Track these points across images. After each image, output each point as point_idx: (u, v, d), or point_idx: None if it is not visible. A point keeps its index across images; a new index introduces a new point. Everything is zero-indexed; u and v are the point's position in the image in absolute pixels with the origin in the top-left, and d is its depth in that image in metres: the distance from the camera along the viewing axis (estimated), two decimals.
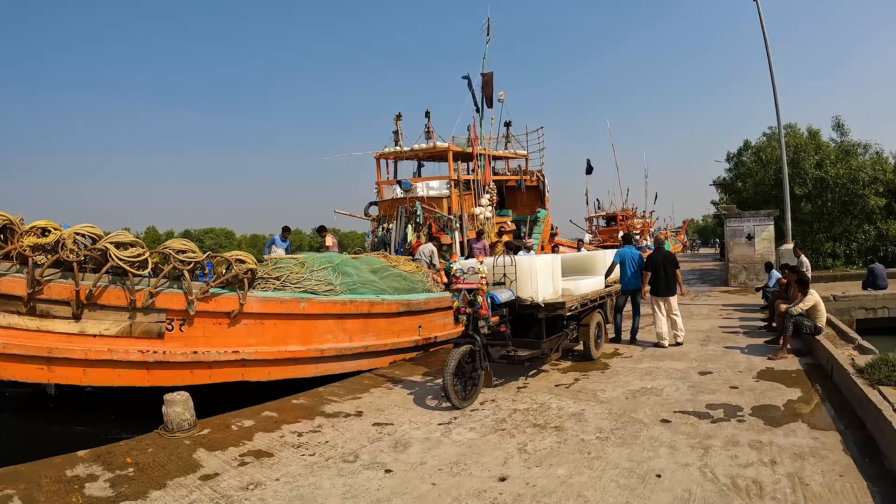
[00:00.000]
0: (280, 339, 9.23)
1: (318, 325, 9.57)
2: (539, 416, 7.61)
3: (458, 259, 8.76)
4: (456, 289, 8.21)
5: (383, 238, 16.29)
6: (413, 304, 11.07)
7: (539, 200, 21.41)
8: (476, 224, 16.89)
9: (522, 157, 21.24)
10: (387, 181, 17.67)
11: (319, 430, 7.27)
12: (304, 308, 9.25)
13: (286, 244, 14.78)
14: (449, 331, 12.48)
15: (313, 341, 9.56)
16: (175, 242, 8.39)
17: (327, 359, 9.79)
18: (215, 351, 8.73)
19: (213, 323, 8.71)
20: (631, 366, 10.46)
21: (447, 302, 12.13)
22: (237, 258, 8.59)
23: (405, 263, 12.30)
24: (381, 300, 10.39)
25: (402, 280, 11.54)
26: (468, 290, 8.13)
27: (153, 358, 8.36)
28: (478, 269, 8.29)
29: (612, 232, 36.09)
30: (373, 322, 10.39)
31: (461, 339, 8.20)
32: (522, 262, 9.20)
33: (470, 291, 8.11)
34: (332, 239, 14.37)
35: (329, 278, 9.88)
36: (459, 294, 8.14)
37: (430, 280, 12.37)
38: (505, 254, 9.63)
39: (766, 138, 32.02)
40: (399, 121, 17.96)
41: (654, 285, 12.21)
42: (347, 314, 9.87)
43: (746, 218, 23.86)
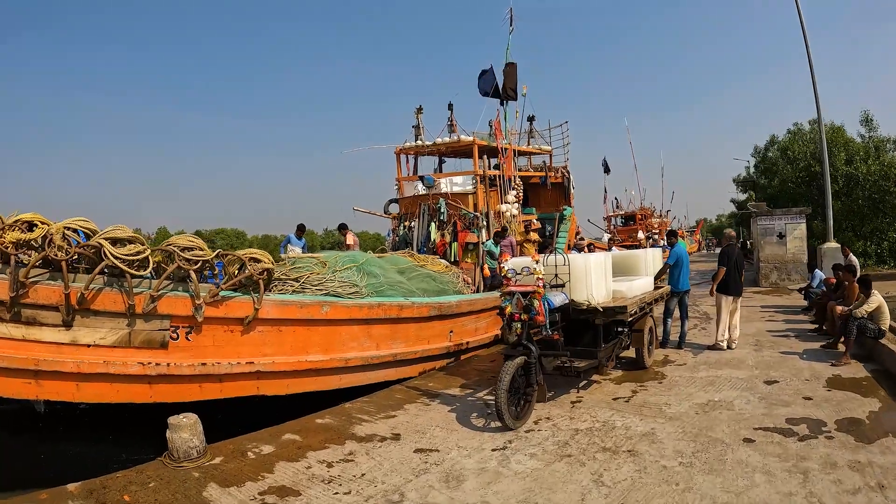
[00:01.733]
0: (300, 347, 8.03)
1: (342, 332, 8.37)
2: (606, 438, 6.46)
3: (509, 258, 7.52)
4: (508, 292, 6.98)
5: (405, 237, 15.09)
6: (444, 308, 9.86)
7: (564, 198, 20.16)
8: (502, 221, 15.68)
9: (546, 152, 20.00)
10: (407, 177, 16.46)
11: (352, 458, 6.04)
12: (326, 313, 8.05)
13: (302, 243, 13.60)
14: (480, 336, 11.27)
15: (337, 350, 8.36)
16: (180, 239, 7.20)
17: (352, 369, 8.59)
18: (227, 362, 7.54)
19: (225, 330, 7.52)
20: (689, 375, 9.35)
21: (479, 304, 10.95)
22: (251, 257, 7.39)
23: (433, 263, 11.10)
24: (410, 303, 9.17)
25: (432, 281, 10.34)
26: (522, 294, 6.90)
27: (156, 371, 7.17)
28: (533, 269, 7.07)
29: (631, 231, 34.85)
30: (401, 327, 9.18)
31: (513, 349, 6.98)
32: (577, 262, 7.98)
33: (525, 295, 6.89)
34: (354, 237, 13.18)
35: (353, 279, 8.67)
36: (513, 298, 6.92)
37: (461, 281, 11.16)
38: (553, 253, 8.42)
39: (790, 135, 30.60)
40: (420, 114, 16.75)
41: (726, 284, 11.08)
42: (374, 319, 8.67)
43: (778, 216, 22.60)
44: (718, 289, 11.22)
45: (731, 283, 11.18)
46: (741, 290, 11.40)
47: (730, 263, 11.15)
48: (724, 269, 11.13)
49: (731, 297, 11.21)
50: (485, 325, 11.50)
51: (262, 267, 7.33)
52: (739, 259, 11.39)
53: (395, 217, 16.11)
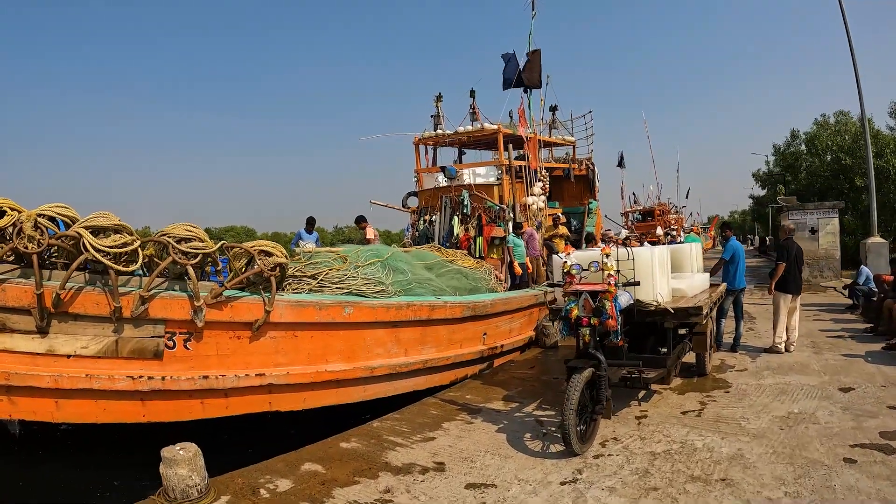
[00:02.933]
0: (318, 355, 6.79)
1: (366, 337, 7.12)
2: (691, 464, 5.31)
3: (572, 251, 6.23)
4: (574, 291, 5.71)
5: (425, 232, 13.82)
6: (479, 307, 8.59)
7: (589, 191, 18.86)
8: (528, 215, 14.41)
9: (570, 143, 18.70)
10: (427, 169, 15.18)
11: (391, 498, 4.75)
12: (349, 315, 6.80)
13: (314, 237, 12.34)
14: (514, 338, 10.02)
15: (361, 357, 7.12)
16: (177, 228, 5.96)
17: (378, 379, 7.34)
18: (233, 374, 6.32)
19: (230, 337, 6.29)
20: (755, 382, 8.17)
21: (515, 303, 9.70)
22: (261, 249, 6.14)
23: (463, 258, 9.84)
24: (442, 303, 7.91)
25: (463, 278, 9.08)
26: (591, 294, 5.63)
27: (148, 386, 5.96)
28: (603, 264, 5.80)
29: (649, 227, 33.47)
30: (431, 330, 7.92)
31: (580, 360, 5.71)
32: (643, 256, 6.69)
33: (594, 295, 5.62)
34: (374, 231, 11.90)
35: (378, 276, 7.42)
36: (579, 299, 5.64)
37: (493, 278, 9.90)
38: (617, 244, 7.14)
39: (817, 126, 29.10)
40: (440, 102, 15.46)
41: (785, 281, 9.85)
42: (403, 321, 7.41)
43: (810, 210, 21.29)
44: (777, 286, 9.99)
45: (792, 281, 9.99)
46: (801, 288, 10.18)
47: (790, 259, 9.94)
48: (783, 265, 9.91)
49: (791, 296, 10.04)
50: (519, 326, 10.25)
51: (274, 262, 6.09)
52: (799, 254, 10.18)
53: (415, 211, 14.84)
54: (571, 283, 5.75)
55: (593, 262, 5.88)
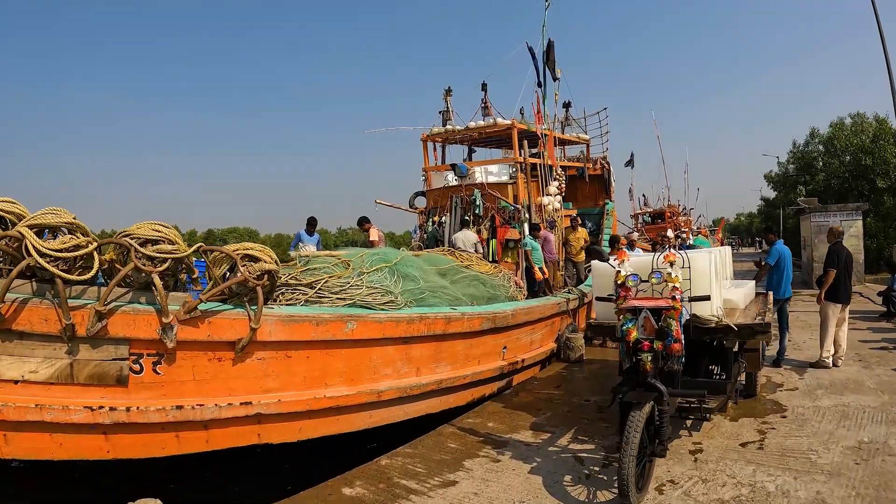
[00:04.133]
0: (316, 378, 5.71)
1: (373, 356, 6.05)
2: None
3: (627, 256, 5.12)
4: (631, 307, 4.62)
5: (434, 234, 12.73)
6: (499, 318, 7.51)
7: (604, 191, 17.74)
8: (544, 215, 13.32)
9: (584, 142, 17.60)
10: (436, 167, 14.10)
11: None
12: (352, 331, 5.72)
13: (316, 239, 11.27)
14: (535, 351, 8.93)
15: (366, 379, 6.04)
16: (142, 227, 4.88)
17: (386, 403, 6.26)
18: (213, 403, 5.25)
19: (209, 359, 5.22)
20: (811, 405, 7.13)
21: (537, 313, 8.61)
22: (246, 254, 5.06)
23: (479, 262, 8.76)
24: (459, 314, 6.83)
25: (480, 285, 8.01)
26: (653, 311, 4.53)
27: (111, 418, 4.90)
28: (667, 275, 4.71)
29: (659, 229, 32.26)
30: (447, 346, 6.85)
31: (637, 392, 4.60)
32: (700, 262, 5.56)
33: (656, 312, 4.53)
34: (379, 232, 10.82)
35: (386, 284, 6.34)
36: (639, 317, 4.55)
37: (513, 284, 8.82)
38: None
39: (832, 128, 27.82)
40: (449, 97, 14.40)
41: (836, 289, 8.79)
42: (415, 337, 6.34)
43: (832, 212, 20.15)
44: (827, 295, 8.91)
45: (842, 289, 8.93)
46: (850, 297, 9.10)
47: (840, 264, 8.85)
48: (833, 272, 8.82)
49: (841, 306, 8.96)
50: (540, 338, 9.17)
51: (262, 268, 5.01)
52: (849, 260, 9.06)
53: (423, 212, 13.75)
54: (627, 298, 4.66)
55: (655, 271, 4.79)
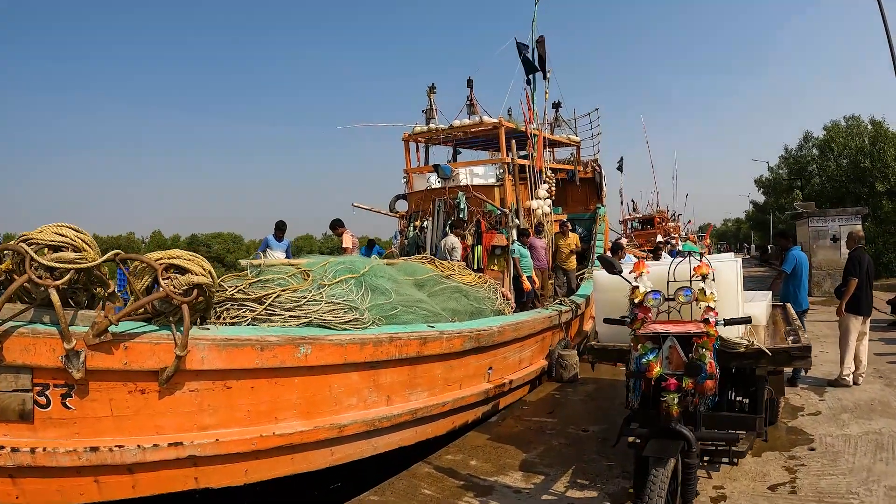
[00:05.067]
0: (264, 412, 4.74)
1: (333, 384, 5.07)
2: None
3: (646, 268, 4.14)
4: (651, 335, 3.66)
5: (415, 239, 11.78)
6: (484, 336, 6.56)
7: (595, 195, 16.86)
8: (533, 220, 12.42)
9: (575, 144, 16.72)
10: (418, 168, 13.15)
11: None
12: (306, 357, 4.75)
13: (286, 245, 10.29)
14: (524, 371, 7.99)
15: (325, 412, 5.08)
16: (44, 231, 3.91)
17: (350, 438, 5.28)
18: (135, 444, 4.29)
19: (129, 391, 4.25)
20: (839, 432, 6.26)
21: (526, 329, 7.68)
22: (170, 263, 4.08)
23: (463, 272, 7.81)
24: (437, 333, 5.87)
25: (462, 298, 7.06)
26: (680, 339, 3.58)
27: (14, 460, 3.98)
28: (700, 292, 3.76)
29: (649, 235, 31.50)
30: (423, 370, 5.89)
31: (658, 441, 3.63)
32: (725, 273, 4.62)
33: (685, 341, 3.57)
34: (353, 238, 9.85)
35: (351, 299, 5.38)
36: (664, 347, 3.59)
37: (500, 296, 7.87)
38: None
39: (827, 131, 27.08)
40: (433, 94, 13.45)
41: (857, 301, 7.97)
42: (384, 361, 5.36)
43: (832, 217, 19.41)
44: (848, 307, 8.05)
45: (864, 300, 8.12)
46: (871, 309, 8.26)
47: (862, 273, 8.01)
48: (855, 281, 7.98)
49: (862, 318, 8.13)
50: (530, 355, 8.22)
51: (189, 281, 4.03)
52: (871, 268, 8.22)
53: (403, 216, 12.79)
54: (647, 321, 3.71)
55: (683, 287, 3.84)
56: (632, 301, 3.93)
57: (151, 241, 78.37)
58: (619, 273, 4.13)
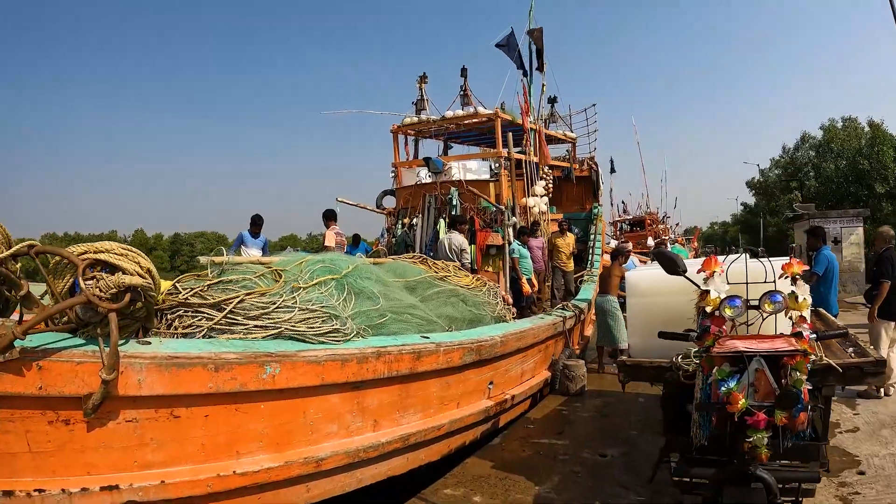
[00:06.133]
0: (222, 445, 3.82)
1: (308, 409, 4.16)
2: None
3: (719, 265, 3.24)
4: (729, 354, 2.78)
5: (404, 238, 10.88)
6: (485, 348, 5.67)
7: (591, 194, 16.06)
8: (529, 219, 11.57)
9: (571, 140, 15.92)
10: (407, 162, 12.27)
11: None
12: (273, 378, 3.83)
13: (262, 242, 9.34)
14: (526, 384, 7.13)
15: (299, 442, 4.16)
16: None
17: (329, 472, 4.37)
18: (58, 488, 3.37)
19: (49, 421, 3.34)
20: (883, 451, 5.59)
21: (530, 338, 6.81)
22: (96, 258, 3.15)
23: (458, 272, 6.91)
24: (433, 345, 4.97)
25: (460, 303, 6.17)
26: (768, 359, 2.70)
27: None
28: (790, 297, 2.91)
29: (640, 238, 30.82)
30: (417, 388, 4.99)
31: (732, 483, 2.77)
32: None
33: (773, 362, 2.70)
34: (339, 234, 8.89)
35: (331, 305, 4.47)
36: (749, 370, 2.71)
37: (500, 300, 6.99)
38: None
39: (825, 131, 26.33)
40: (424, 84, 12.55)
41: (889, 304, 7.21)
42: (370, 381, 4.46)
43: (833, 219, 18.75)
44: (881, 312, 7.27)
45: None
46: None
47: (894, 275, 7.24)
48: (888, 284, 7.22)
49: (894, 324, 7.32)
50: (532, 366, 7.35)
51: (119, 283, 3.10)
52: None
53: (391, 213, 11.89)
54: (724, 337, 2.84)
55: (770, 293, 2.98)
56: (701, 310, 3.07)
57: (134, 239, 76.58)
58: (682, 273, 3.26)
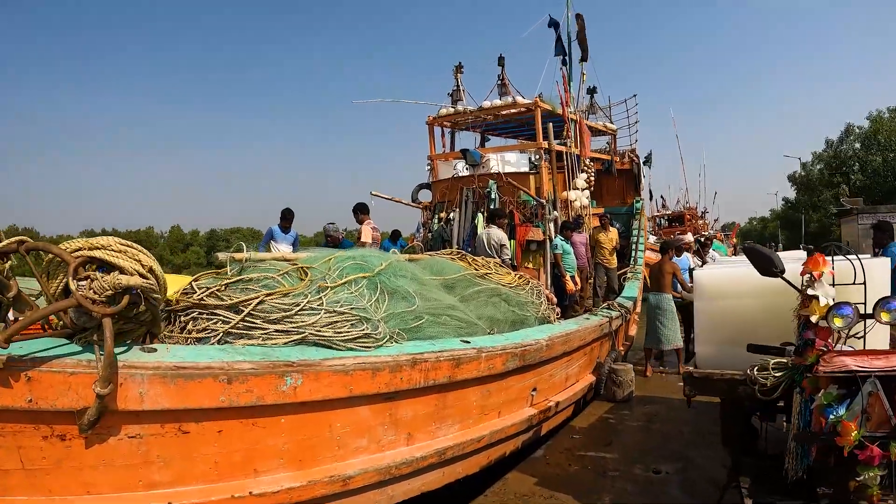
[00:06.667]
0: (238, 464, 3.38)
1: (334, 423, 3.69)
2: None
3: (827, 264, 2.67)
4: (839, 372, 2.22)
5: (440, 233, 10.38)
6: (530, 353, 5.15)
7: (633, 188, 15.38)
8: (570, 213, 11.00)
9: (612, 132, 15.22)
10: (443, 155, 11.77)
11: None
12: (295, 390, 3.37)
13: (291, 237, 8.91)
14: (570, 390, 6.59)
15: (324, 458, 3.71)
16: None
17: (357, 491, 3.90)
18: None
19: (43, 436, 2.93)
20: None
21: (576, 341, 6.27)
22: (90, 256, 2.71)
23: (499, 270, 6.39)
24: (474, 351, 4.46)
25: (502, 303, 5.66)
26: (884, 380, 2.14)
27: None
28: None
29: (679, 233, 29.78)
30: (455, 398, 4.50)
31: None
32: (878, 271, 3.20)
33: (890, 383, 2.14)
34: (374, 229, 8.40)
35: (361, 307, 3.99)
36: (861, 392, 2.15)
37: (544, 299, 6.45)
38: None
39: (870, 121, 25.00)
40: (460, 74, 12.05)
41: None
42: (404, 391, 3.98)
43: (882, 213, 17.64)
44: None
45: None
46: None
47: None
48: None
49: None
50: (576, 371, 6.81)
51: (115, 284, 2.66)
52: None
53: (427, 207, 11.41)
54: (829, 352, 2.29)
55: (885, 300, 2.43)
56: (804, 319, 2.52)
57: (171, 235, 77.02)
58: (780, 274, 2.72)
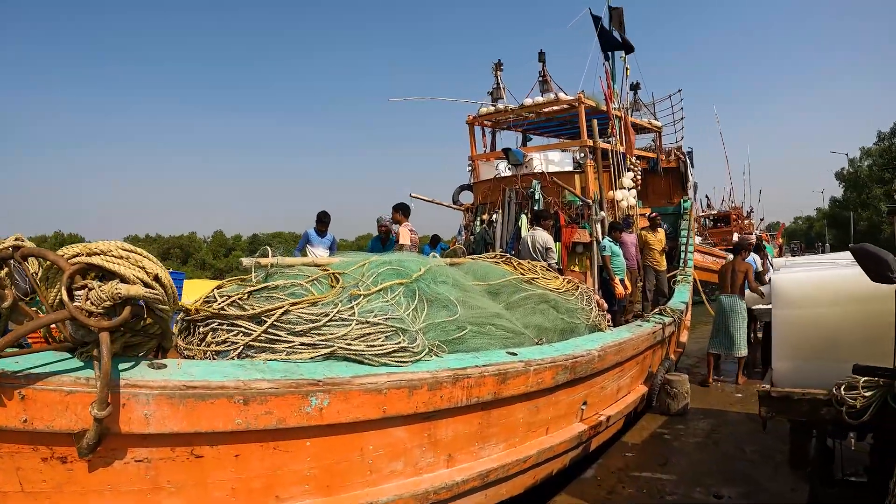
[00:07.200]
0: (258, 490, 3.02)
1: (366, 446, 3.30)
2: None
3: None
4: None
5: (483, 235, 9.94)
6: (581, 364, 4.69)
7: (680, 187, 14.70)
8: (617, 214, 10.46)
9: (657, 130, 14.56)
10: (485, 155, 11.34)
11: None
12: (321, 411, 2.99)
13: (329, 240, 8.55)
14: (622, 403, 6.10)
15: (354, 483, 3.31)
16: None
17: None
18: None
19: (41, 457, 2.60)
20: None
21: (629, 350, 5.78)
22: (88, 262, 2.36)
23: (546, 274, 5.93)
24: (521, 365, 4.03)
25: (551, 310, 5.20)
26: None
27: None
28: None
29: (724, 234, 28.75)
30: (500, 415, 4.07)
31: None
32: None
33: None
34: (412, 231, 8.01)
35: (397, 317, 3.59)
36: None
37: (595, 305, 5.97)
38: None
39: None
40: (499, 72, 11.61)
41: None
42: (444, 410, 3.56)
43: None
44: None
45: None
46: None
47: None
48: None
49: None
50: (628, 382, 6.31)
51: (113, 294, 2.30)
52: None
53: (468, 209, 10.99)
54: None
55: None
56: None
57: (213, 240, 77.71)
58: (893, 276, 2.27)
